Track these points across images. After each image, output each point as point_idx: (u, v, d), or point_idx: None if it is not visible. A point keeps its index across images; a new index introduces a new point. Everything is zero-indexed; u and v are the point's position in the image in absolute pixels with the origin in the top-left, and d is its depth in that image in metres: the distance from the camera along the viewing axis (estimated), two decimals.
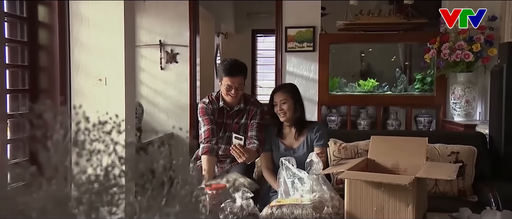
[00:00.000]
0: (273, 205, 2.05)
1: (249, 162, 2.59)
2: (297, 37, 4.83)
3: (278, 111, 2.73)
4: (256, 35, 8.69)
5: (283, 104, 2.71)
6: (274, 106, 2.75)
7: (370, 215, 2.02)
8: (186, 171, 0.81)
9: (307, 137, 2.73)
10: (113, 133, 0.81)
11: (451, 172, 2.01)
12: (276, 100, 2.74)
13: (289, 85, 2.87)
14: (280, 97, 2.73)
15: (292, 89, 2.79)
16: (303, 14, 4.82)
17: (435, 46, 4.30)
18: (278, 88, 2.81)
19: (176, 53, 5.03)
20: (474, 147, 2.96)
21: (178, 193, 0.80)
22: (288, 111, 2.72)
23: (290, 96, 2.73)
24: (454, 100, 4.36)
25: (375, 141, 2.51)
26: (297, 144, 2.76)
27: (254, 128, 2.78)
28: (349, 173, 2.07)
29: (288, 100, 2.72)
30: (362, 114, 4.96)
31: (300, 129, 2.77)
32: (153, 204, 0.80)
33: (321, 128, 2.78)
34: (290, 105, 2.73)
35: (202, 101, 2.91)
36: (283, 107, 2.71)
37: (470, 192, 2.87)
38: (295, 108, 2.75)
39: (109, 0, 3.56)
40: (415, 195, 1.95)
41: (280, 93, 2.75)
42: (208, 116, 2.80)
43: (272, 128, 2.83)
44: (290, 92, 2.75)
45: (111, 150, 0.82)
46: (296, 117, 2.76)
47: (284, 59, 4.88)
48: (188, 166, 0.85)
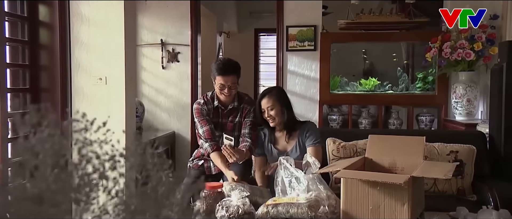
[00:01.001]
0: (269, 204, 2.06)
1: (241, 161, 2.59)
2: (298, 36, 4.83)
3: (267, 117, 2.71)
4: (259, 34, 8.69)
5: (271, 110, 2.69)
6: (262, 112, 2.73)
7: (366, 214, 2.02)
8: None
9: (299, 138, 2.73)
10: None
11: (447, 171, 2.01)
12: (263, 106, 2.71)
13: (274, 89, 2.82)
14: (267, 104, 2.70)
15: (278, 93, 2.74)
16: (304, 13, 4.82)
17: (436, 45, 4.29)
18: (263, 94, 2.75)
19: (177, 52, 5.04)
20: (473, 146, 2.95)
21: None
22: (276, 116, 2.70)
23: (276, 101, 2.69)
24: (456, 99, 4.34)
25: (373, 140, 2.50)
26: (290, 147, 2.75)
27: (248, 125, 2.79)
28: (345, 172, 2.07)
29: (275, 105, 2.69)
30: (364, 113, 4.95)
31: (291, 132, 2.76)
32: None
33: (311, 128, 2.76)
34: (278, 111, 2.70)
35: (197, 102, 2.91)
36: (271, 113, 2.69)
37: (469, 191, 2.86)
38: (282, 112, 2.72)
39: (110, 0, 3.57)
40: (411, 194, 1.94)
41: (266, 99, 2.71)
42: (204, 117, 2.81)
43: (264, 132, 2.81)
44: (276, 96, 2.71)
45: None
46: (285, 121, 2.73)
47: (285, 58, 4.88)
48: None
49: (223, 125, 2.85)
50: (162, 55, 5.04)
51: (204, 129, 2.79)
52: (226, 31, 7.94)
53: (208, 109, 2.84)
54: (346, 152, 3.00)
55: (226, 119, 2.85)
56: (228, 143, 2.55)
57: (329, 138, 3.09)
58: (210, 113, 2.83)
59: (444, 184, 2.85)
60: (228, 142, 2.55)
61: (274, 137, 2.79)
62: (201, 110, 2.83)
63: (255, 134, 2.79)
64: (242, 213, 2.02)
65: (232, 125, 2.85)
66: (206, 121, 2.80)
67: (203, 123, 2.81)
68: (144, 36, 5.09)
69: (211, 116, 2.84)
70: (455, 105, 4.36)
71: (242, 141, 2.77)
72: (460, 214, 2.14)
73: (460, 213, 2.15)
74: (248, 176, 2.85)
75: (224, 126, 2.85)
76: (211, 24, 7.06)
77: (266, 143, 2.79)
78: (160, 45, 5.04)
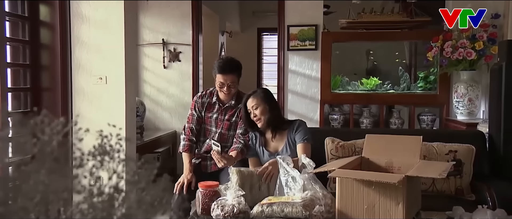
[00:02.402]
0: (264, 203, 2.06)
1: (230, 165, 2.61)
2: (299, 35, 4.83)
3: (253, 118, 2.72)
4: (262, 33, 8.70)
5: (255, 109, 2.69)
6: (249, 114, 2.74)
7: (361, 213, 2.02)
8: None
9: (288, 137, 2.73)
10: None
11: (442, 170, 2.00)
12: (249, 107, 2.72)
13: (258, 90, 2.80)
14: (251, 104, 2.71)
15: (262, 94, 2.74)
16: (305, 13, 4.82)
17: (437, 44, 4.27)
18: (248, 95, 2.76)
19: (179, 52, 5.06)
20: (472, 146, 2.93)
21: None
22: (261, 115, 2.70)
23: (261, 100, 2.69)
24: (457, 98, 4.33)
25: (370, 140, 2.50)
26: (281, 146, 2.75)
27: (242, 126, 2.81)
28: (339, 172, 2.07)
29: (260, 104, 2.69)
30: (365, 112, 4.95)
31: (280, 131, 2.76)
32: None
33: (301, 125, 2.75)
34: (263, 109, 2.70)
35: (197, 94, 2.99)
36: (256, 113, 2.70)
37: (468, 191, 2.85)
38: (267, 111, 2.72)
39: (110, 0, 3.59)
40: (405, 194, 1.94)
41: (251, 100, 2.72)
42: (192, 113, 2.92)
43: (255, 134, 2.81)
44: (260, 96, 2.71)
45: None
46: (272, 120, 2.74)
47: (286, 57, 4.88)
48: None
49: (219, 122, 2.87)
50: (164, 55, 5.07)
51: (187, 126, 2.92)
52: (229, 31, 7.95)
53: (203, 102, 2.89)
54: (345, 151, 3.00)
55: (222, 116, 2.87)
56: (215, 149, 2.56)
57: (327, 137, 3.08)
58: (204, 106, 2.87)
59: (442, 184, 2.84)
60: (216, 148, 2.56)
61: (265, 139, 2.80)
62: (195, 103, 2.93)
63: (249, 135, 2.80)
64: (237, 212, 2.03)
65: (229, 124, 2.87)
66: (192, 119, 2.91)
67: (190, 119, 2.93)
68: (146, 35, 5.11)
69: (206, 110, 2.87)
70: (457, 105, 4.35)
71: (235, 142, 2.78)
72: (456, 214, 2.13)
73: (456, 212, 2.14)
74: None
75: (220, 122, 2.87)
76: (213, 24, 7.08)
77: (258, 146, 2.80)
78: (161, 44, 5.06)
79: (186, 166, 2.77)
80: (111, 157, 0.80)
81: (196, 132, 2.89)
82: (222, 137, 2.86)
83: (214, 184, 2.24)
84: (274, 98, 2.85)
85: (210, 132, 2.90)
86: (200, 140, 2.94)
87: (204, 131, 2.92)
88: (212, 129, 2.89)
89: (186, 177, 2.67)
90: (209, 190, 2.19)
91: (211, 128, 2.89)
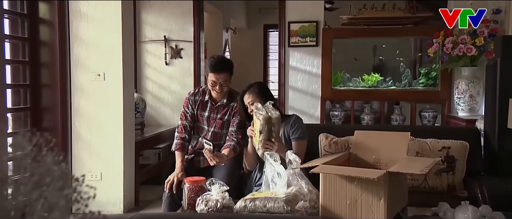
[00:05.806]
0: (247, 198, 2.08)
1: (223, 164, 2.62)
2: (300, 32, 4.83)
3: (251, 112, 2.73)
4: (268, 30, 8.69)
5: (252, 104, 2.71)
6: (246, 108, 2.76)
7: (343, 208, 2.03)
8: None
9: (284, 131, 2.73)
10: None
11: (424, 166, 2.00)
12: (246, 102, 2.73)
13: (255, 85, 2.80)
14: (248, 98, 2.71)
15: (257, 89, 2.74)
16: (306, 9, 4.82)
17: (438, 40, 4.24)
18: (245, 90, 2.76)
19: (180, 49, 5.10)
20: (466, 143, 2.91)
21: None
22: None
23: (257, 95, 2.70)
24: (458, 94, 4.29)
25: (358, 136, 2.50)
26: None
27: (235, 124, 2.81)
28: (322, 167, 2.08)
29: (256, 99, 2.70)
30: (366, 109, 4.93)
31: None
32: None
33: (297, 121, 2.75)
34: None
35: (189, 92, 2.98)
36: (253, 108, 2.72)
37: (460, 187, 2.83)
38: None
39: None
40: (387, 189, 1.94)
41: (247, 96, 2.73)
42: (185, 110, 2.91)
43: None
44: (255, 92, 2.71)
45: None
46: None
47: (287, 54, 4.89)
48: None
49: (211, 120, 2.89)
50: (165, 51, 5.11)
51: (180, 123, 2.91)
52: (233, 27, 7.96)
53: (196, 101, 2.90)
54: (338, 147, 2.99)
55: (214, 114, 2.88)
56: (207, 148, 2.58)
57: (321, 133, 3.08)
58: (196, 104, 2.89)
59: (435, 180, 2.83)
60: (208, 146, 2.58)
61: None
62: (188, 100, 2.92)
63: (242, 133, 2.80)
64: (220, 207, 2.05)
65: (221, 122, 2.88)
66: (185, 116, 2.90)
67: (182, 116, 2.92)
68: (148, 32, 5.16)
69: (198, 107, 2.89)
70: (458, 101, 4.31)
71: (228, 140, 2.80)
72: (441, 210, 2.13)
73: (441, 208, 2.14)
74: (237, 174, 2.88)
75: (212, 121, 2.89)
76: (217, 21, 7.10)
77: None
78: (163, 41, 5.10)
79: (178, 164, 2.79)
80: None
81: (190, 129, 2.91)
82: (215, 135, 2.88)
83: (200, 179, 2.26)
84: (270, 92, 2.85)
85: (202, 130, 2.92)
86: (194, 137, 2.96)
87: (196, 129, 2.94)
88: (204, 127, 2.91)
89: (177, 175, 2.68)
90: (195, 185, 2.22)
91: (204, 126, 2.91)
